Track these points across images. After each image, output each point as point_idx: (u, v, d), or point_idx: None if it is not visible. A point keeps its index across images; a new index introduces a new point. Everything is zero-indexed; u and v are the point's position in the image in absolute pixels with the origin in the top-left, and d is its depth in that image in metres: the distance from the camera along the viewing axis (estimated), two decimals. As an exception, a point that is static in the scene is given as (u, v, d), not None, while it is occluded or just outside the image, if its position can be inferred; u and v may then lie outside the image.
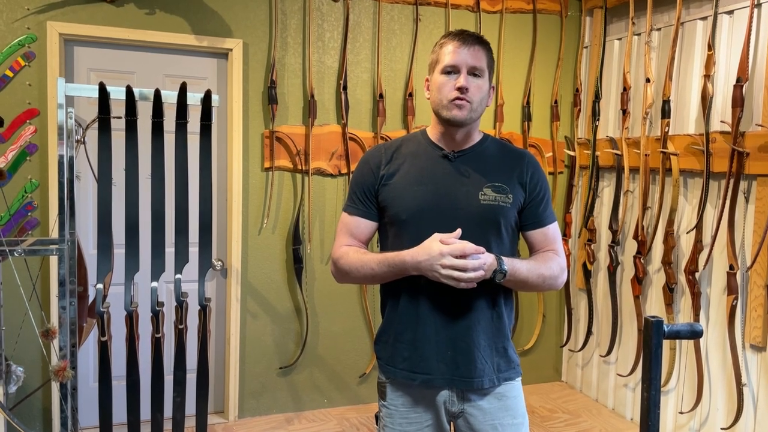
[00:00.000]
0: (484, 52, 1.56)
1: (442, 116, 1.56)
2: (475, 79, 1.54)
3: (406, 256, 1.48)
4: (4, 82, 2.74)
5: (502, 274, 1.47)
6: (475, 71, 1.54)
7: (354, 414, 3.36)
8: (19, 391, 2.51)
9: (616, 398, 3.48)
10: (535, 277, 1.54)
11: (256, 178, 3.19)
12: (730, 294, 2.68)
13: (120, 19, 2.88)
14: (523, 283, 1.55)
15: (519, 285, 1.56)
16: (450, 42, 1.56)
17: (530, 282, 1.55)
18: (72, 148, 2.12)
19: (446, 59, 1.54)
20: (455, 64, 1.53)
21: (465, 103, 1.53)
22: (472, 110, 1.54)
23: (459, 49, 1.53)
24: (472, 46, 1.54)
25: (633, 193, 3.32)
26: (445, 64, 1.54)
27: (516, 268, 1.50)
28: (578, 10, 3.73)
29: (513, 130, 3.64)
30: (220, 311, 3.26)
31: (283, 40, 3.17)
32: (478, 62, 1.54)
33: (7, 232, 2.77)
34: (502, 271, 1.47)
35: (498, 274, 1.47)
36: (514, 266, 1.50)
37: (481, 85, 1.55)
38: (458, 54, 1.53)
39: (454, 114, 1.54)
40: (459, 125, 1.56)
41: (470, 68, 1.53)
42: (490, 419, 1.59)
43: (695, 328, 1.14)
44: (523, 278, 1.52)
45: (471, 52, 1.53)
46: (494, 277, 1.47)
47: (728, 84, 2.75)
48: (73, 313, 2.13)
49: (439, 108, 1.57)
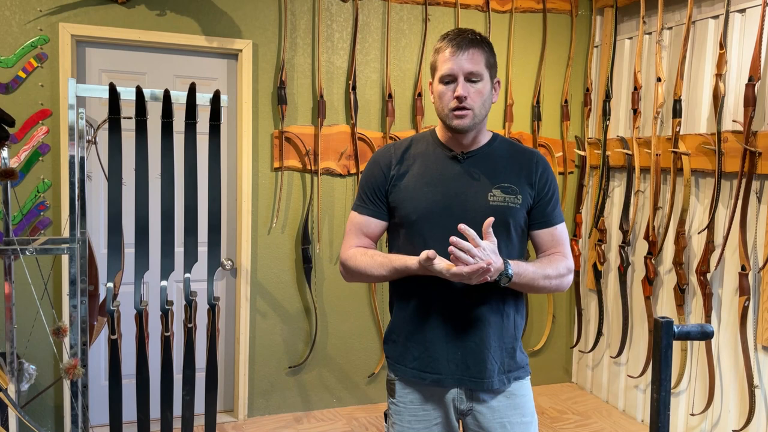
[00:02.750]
0: (481, 53, 1.52)
1: (446, 124, 1.57)
2: (473, 85, 1.52)
3: (408, 261, 1.50)
4: (17, 83, 2.77)
5: (508, 278, 1.46)
6: (472, 77, 1.51)
7: (363, 414, 3.36)
8: (31, 389, 2.54)
9: (627, 400, 3.46)
10: (542, 278, 1.54)
11: (266, 178, 3.20)
12: (742, 295, 2.65)
13: (131, 21, 2.91)
14: (530, 287, 1.54)
15: (525, 288, 1.55)
16: (445, 48, 1.53)
17: (536, 285, 1.54)
18: (83, 149, 2.14)
19: (443, 68, 1.53)
20: (451, 73, 1.51)
21: (466, 112, 1.52)
22: (474, 116, 1.53)
23: (454, 56, 1.51)
24: (467, 50, 1.51)
25: (644, 193, 3.30)
26: (442, 74, 1.53)
27: (522, 272, 1.49)
28: (589, 9, 3.71)
29: (523, 129, 3.63)
30: (230, 311, 3.28)
31: (292, 41, 3.18)
32: (475, 66, 1.51)
33: (20, 231, 2.80)
34: (507, 275, 1.46)
35: (503, 277, 1.46)
36: (520, 270, 1.49)
37: (480, 89, 1.53)
38: (453, 61, 1.51)
39: (456, 123, 1.53)
40: (463, 132, 1.56)
41: (467, 75, 1.51)
42: (499, 417, 1.59)
43: (706, 329, 1.13)
44: (529, 281, 1.51)
45: (467, 57, 1.51)
46: (499, 281, 1.47)
47: (740, 83, 2.73)
48: (84, 311, 2.15)
49: (441, 116, 1.57)
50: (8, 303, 2.18)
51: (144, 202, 2.16)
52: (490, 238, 1.43)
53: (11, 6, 2.74)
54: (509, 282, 1.48)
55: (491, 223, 1.43)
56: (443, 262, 1.41)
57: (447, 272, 1.41)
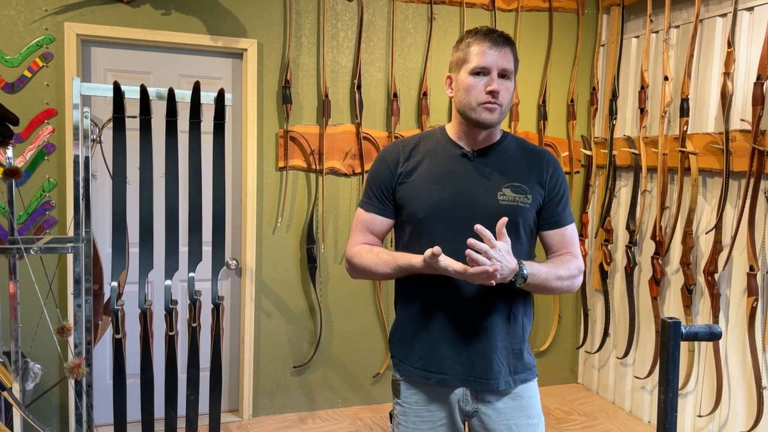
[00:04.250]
0: (512, 53, 1.54)
1: (470, 117, 1.54)
2: (504, 81, 1.52)
3: (413, 260, 1.49)
4: (23, 82, 2.77)
5: (523, 279, 1.45)
6: (505, 73, 1.52)
7: (367, 414, 3.35)
8: (35, 388, 2.54)
9: (634, 401, 3.44)
10: (554, 279, 1.52)
11: (271, 178, 3.19)
12: (750, 295, 2.63)
13: (136, 20, 2.91)
14: (542, 287, 1.52)
15: (537, 288, 1.53)
16: (480, 42, 1.52)
17: (549, 286, 1.52)
18: (88, 148, 2.14)
19: (476, 60, 1.51)
20: (486, 66, 1.50)
21: (496, 107, 1.51)
22: (501, 113, 1.53)
23: (490, 51, 1.51)
24: (502, 47, 1.52)
25: (651, 193, 3.28)
26: (475, 65, 1.51)
27: (535, 273, 1.47)
28: (595, 7, 3.68)
29: (529, 129, 3.61)
30: (235, 310, 3.27)
31: (297, 40, 3.18)
32: (508, 64, 1.52)
33: (25, 230, 2.80)
34: (523, 275, 1.44)
35: (519, 278, 1.44)
36: (534, 270, 1.47)
37: (509, 87, 1.53)
38: (489, 56, 1.50)
39: (484, 117, 1.52)
40: (487, 127, 1.55)
41: (501, 71, 1.51)
42: (505, 419, 1.58)
43: (713, 330, 1.12)
44: (542, 282, 1.50)
45: (501, 53, 1.51)
46: (514, 281, 1.45)
47: (748, 81, 2.70)
48: (89, 310, 2.15)
49: (466, 109, 1.54)
50: (13, 302, 2.18)
51: (148, 202, 2.16)
52: (504, 238, 1.41)
53: (17, 5, 2.74)
54: (524, 283, 1.46)
55: (505, 223, 1.41)
56: (447, 260, 1.40)
57: (452, 270, 1.39)
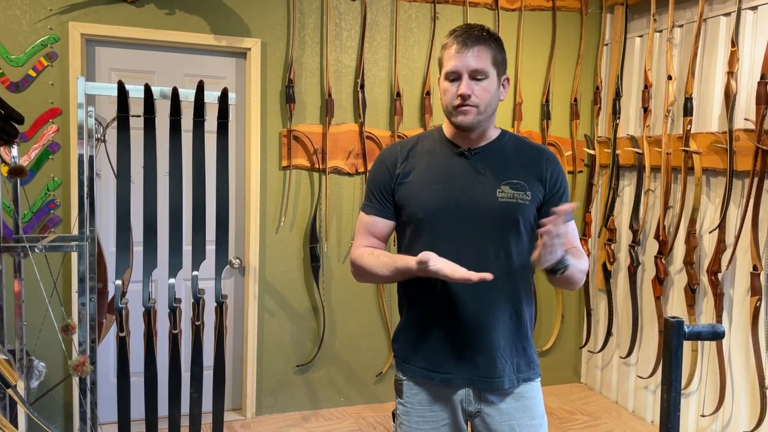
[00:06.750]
0: (487, 50, 1.50)
1: (450, 121, 1.55)
2: (478, 83, 1.49)
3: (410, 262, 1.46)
4: (28, 81, 2.78)
5: (564, 268, 1.42)
6: (478, 75, 1.49)
7: (370, 413, 3.36)
8: (40, 386, 2.55)
9: (637, 400, 3.43)
10: (578, 272, 1.50)
11: (274, 177, 3.20)
12: (754, 295, 2.63)
13: (140, 20, 2.91)
14: (570, 279, 1.49)
15: (563, 280, 1.49)
16: (451, 44, 1.51)
17: (574, 278, 1.50)
18: (92, 147, 2.15)
19: (447, 65, 1.51)
20: (455, 70, 1.49)
21: (469, 109, 1.50)
22: (479, 113, 1.51)
23: (459, 53, 1.49)
24: (472, 47, 1.48)
25: (654, 192, 3.27)
26: (447, 71, 1.51)
27: (571, 264, 1.45)
28: (599, 7, 3.68)
29: (532, 128, 3.61)
30: (238, 309, 3.28)
31: (300, 40, 3.18)
32: (480, 64, 1.48)
33: (30, 229, 2.82)
34: (565, 265, 1.42)
35: (561, 267, 1.42)
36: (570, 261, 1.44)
37: (486, 87, 1.50)
38: (458, 59, 1.49)
39: (459, 120, 1.52)
40: (467, 130, 1.54)
41: (471, 72, 1.49)
42: (508, 420, 1.58)
43: (717, 329, 1.12)
44: (571, 274, 1.47)
45: (472, 54, 1.48)
46: (557, 270, 1.42)
47: (752, 81, 2.70)
48: (93, 309, 2.16)
49: (446, 113, 1.56)
50: (18, 300, 2.19)
51: (152, 200, 2.16)
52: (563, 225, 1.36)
53: (22, 5, 2.76)
54: (563, 272, 1.43)
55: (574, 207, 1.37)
56: (438, 263, 1.38)
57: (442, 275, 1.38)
